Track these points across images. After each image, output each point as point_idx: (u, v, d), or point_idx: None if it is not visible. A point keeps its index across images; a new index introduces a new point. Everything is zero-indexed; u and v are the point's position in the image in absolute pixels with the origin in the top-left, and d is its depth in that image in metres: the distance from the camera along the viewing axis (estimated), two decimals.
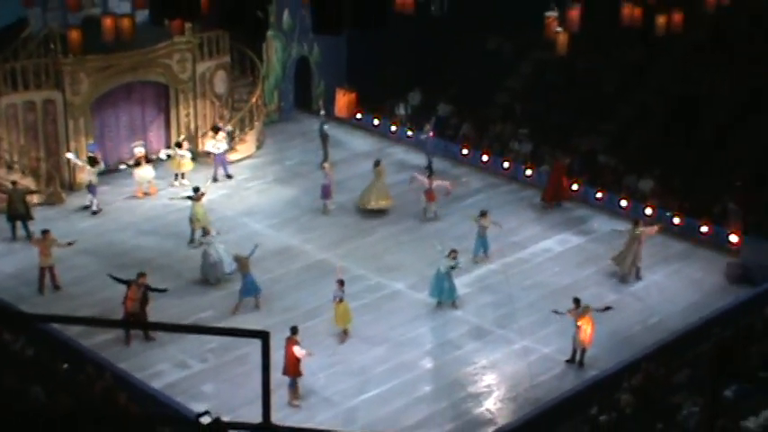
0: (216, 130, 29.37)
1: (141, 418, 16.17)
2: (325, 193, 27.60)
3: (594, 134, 29.63)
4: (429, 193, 27.12)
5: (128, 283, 21.82)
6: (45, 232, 23.85)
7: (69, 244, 24.02)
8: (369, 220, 27.35)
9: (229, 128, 30.05)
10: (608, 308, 22.00)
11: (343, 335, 22.25)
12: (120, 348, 21.68)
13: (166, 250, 25.65)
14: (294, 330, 20.31)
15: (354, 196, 27.98)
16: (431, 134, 30.16)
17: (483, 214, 25.26)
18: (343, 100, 31.78)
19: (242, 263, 23.06)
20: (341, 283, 22.08)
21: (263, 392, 7.14)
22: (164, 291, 22.28)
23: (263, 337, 7.03)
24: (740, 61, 28.98)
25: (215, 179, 29.03)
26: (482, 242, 25.21)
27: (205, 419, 7.48)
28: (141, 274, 21.98)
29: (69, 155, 27.77)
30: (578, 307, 21.41)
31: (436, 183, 27.21)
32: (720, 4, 22.30)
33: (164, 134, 30.31)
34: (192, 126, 30.48)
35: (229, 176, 29.34)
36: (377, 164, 28.03)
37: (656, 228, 24.99)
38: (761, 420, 17.02)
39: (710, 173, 27.09)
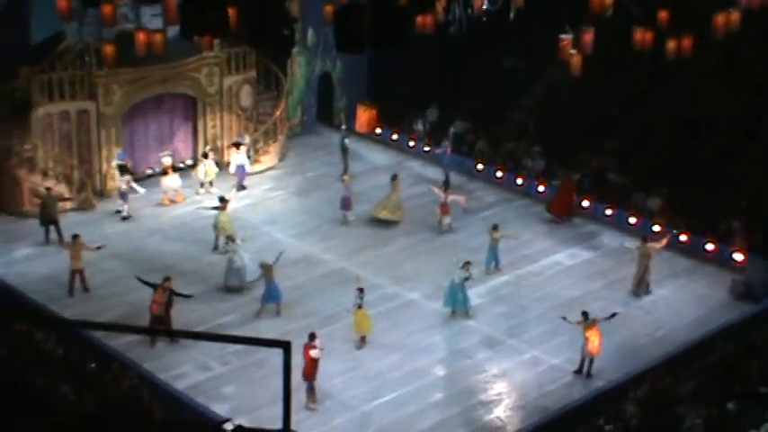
0: (237, 145, 29.45)
1: (165, 424, 16.19)
2: (345, 204, 27.63)
3: (605, 153, 29.57)
4: (444, 207, 27.12)
5: (154, 286, 21.90)
6: (75, 237, 23.97)
7: (98, 248, 24.19)
8: (387, 230, 27.36)
9: (247, 139, 30.05)
10: (614, 314, 21.92)
11: (361, 342, 22.22)
12: (145, 349, 21.73)
13: (191, 256, 25.72)
14: (312, 337, 20.32)
15: (372, 208, 28.03)
16: (448, 150, 30.16)
17: (495, 228, 25.24)
18: (364, 116, 31.87)
19: (267, 270, 23.10)
20: (360, 290, 22.07)
21: (285, 400, 7.11)
22: (188, 296, 22.34)
23: (285, 346, 6.99)
24: (747, 83, 28.88)
25: (240, 188, 29.11)
26: (494, 255, 25.17)
27: (228, 426, 7.46)
28: (167, 279, 22.07)
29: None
30: (586, 320, 21.35)
31: (452, 197, 27.22)
32: (730, 29, 22.23)
33: (191, 144, 30.43)
34: (219, 137, 30.59)
35: (243, 187, 29.31)
36: (394, 177, 28.07)
37: (664, 241, 24.89)
38: None
39: (716, 192, 26.99)
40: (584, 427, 18.99)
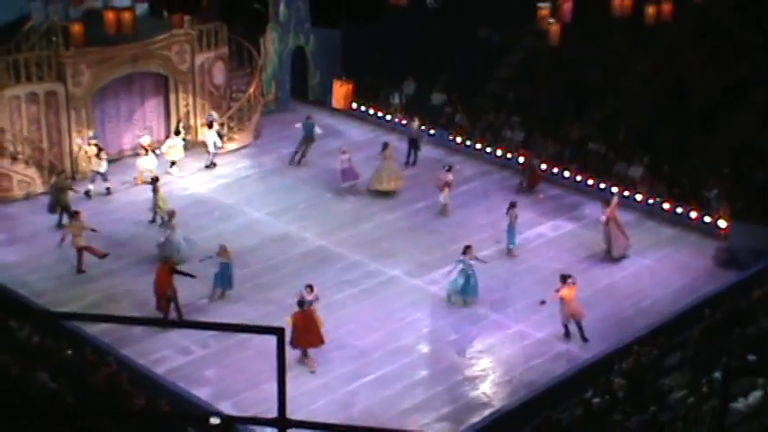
0: (210, 124, 29.28)
1: (153, 415, 16.12)
2: (348, 175, 27.60)
3: (586, 122, 29.56)
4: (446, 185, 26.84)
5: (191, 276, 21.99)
6: (76, 213, 24.20)
7: (93, 230, 24.19)
8: (365, 208, 27.30)
9: (215, 115, 29.78)
10: (543, 302, 21.75)
11: (303, 356, 21.05)
12: (123, 334, 21.60)
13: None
14: (301, 304, 20.56)
15: (351, 183, 27.96)
16: (422, 127, 30.00)
17: (512, 205, 25.02)
18: (340, 91, 31.67)
19: (223, 251, 22.75)
20: (311, 288, 21.38)
21: (279, 387, 7.05)
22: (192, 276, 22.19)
23: (279, 333, 6.92)
24: (727, 48, 28.92)
25: (210, 165, 29.14)
26: (512, 233, 24.86)
27: (214, 420, 7.39)
28: (167, 259, 22.48)
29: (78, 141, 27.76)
30: (565, 282, 21.43)
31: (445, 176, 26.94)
32: None
33: (163, 124, 30.21)
34: (191, 116, 30.38)
35: (214, 164, 29.30)
36: (385, 146, 28.01)
37: (614, 201, 24.92)
38: (750, 401, 17.03)
39: (699, 159, 27.06)
40: (572, 400, 19.03)
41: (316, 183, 28.50)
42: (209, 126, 29.30)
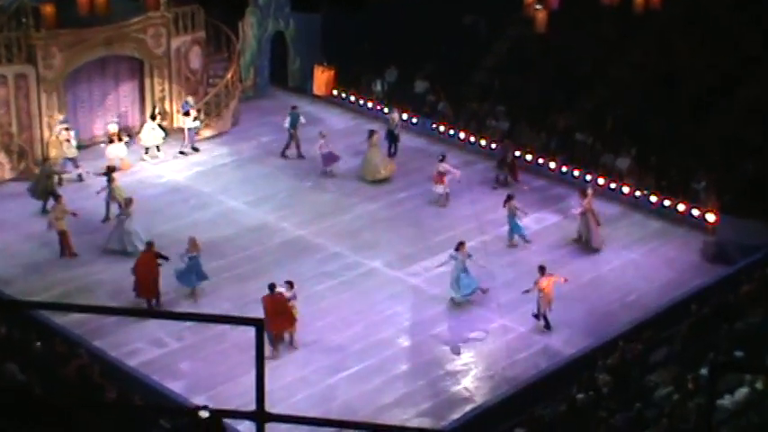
0: (186, 113, 29.20)
1: (133, 408, 16.09)
2: (328, 160, 27.78)
3: (572, 111, 29.65)
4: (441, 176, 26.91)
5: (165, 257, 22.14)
6: (58, 197, 24.41)
7: (74, 214, 24.21)
8: (345, 197, 27.32)
9: (191, 100, 29.67)
10: (527, 291, 21.97)
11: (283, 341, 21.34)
12: (95, 326, 21.55)
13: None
14: (272, 288, 20.77)
15: (332, 167, 28.12)
16: (402, 119, 30.03)
17: (509, 198, 25.10)
18: (321, 77, 31.62)
19: (192, 244, 22.60)
20: (290, 284, 21.36)
21: (257, 380, 7.10)
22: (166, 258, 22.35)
23: (258, 324, 6.96)
24: (717, 37, 29.05)
25: (194, 149, 29.15)
26: (515, 224, 24.98)
27: (204, 414, 7.45)
28: (150, 243, 22.55)
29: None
30: (543, 274, 21.67)
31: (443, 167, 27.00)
32: None
33: (138, 110, 30.10)
34: (167, 102, 30.29)
35: (196, 150, 29.26)
36: (371, 134, 28.06)
37: (588, 192, 25.10)
38: (736, 398, 17.18)
39: (688, 150, 27.20)
40: (555, 396, 19.14)
41: (295, 171, 28.50)
42: (186, 114, 29.23)
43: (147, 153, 28.82)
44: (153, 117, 29.05)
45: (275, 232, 25.57)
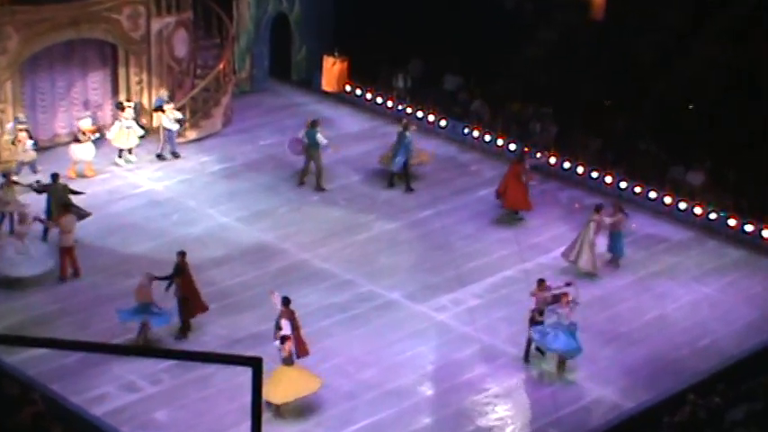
0: (159, 108, 29.21)
1: None
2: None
3: (634, 115, 29.63)
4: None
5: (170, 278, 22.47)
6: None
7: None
8: (360, 214, 27.34)
9: (165, 94, 29.71)
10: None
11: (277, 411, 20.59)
12: (54, 366, 21.47)
13: (107, 247, 25.39)
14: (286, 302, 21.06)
15: (344, 184, 28.25)
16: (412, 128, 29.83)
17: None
18: (331, 70, 31.59)
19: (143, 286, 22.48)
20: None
21: (253, 425, 7.01)
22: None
23: (256, 364, 6.92)
24: None
25: (160, 156, 29.25)
26: (620, 241, 25.35)
27: None
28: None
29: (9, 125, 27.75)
30: (541, 289, 22.00)
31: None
32: None
33: (110, 104, 30.17)
34: (146, 96, 30.35)
35: (176, 155, 29.36)
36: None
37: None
38: None
39: None
40: None
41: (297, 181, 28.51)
42: (160, 110, 29.16)
43: (120, 156, 28.80)
44: (120, 107, 28.84)
45: (274, 255, 25.59)
